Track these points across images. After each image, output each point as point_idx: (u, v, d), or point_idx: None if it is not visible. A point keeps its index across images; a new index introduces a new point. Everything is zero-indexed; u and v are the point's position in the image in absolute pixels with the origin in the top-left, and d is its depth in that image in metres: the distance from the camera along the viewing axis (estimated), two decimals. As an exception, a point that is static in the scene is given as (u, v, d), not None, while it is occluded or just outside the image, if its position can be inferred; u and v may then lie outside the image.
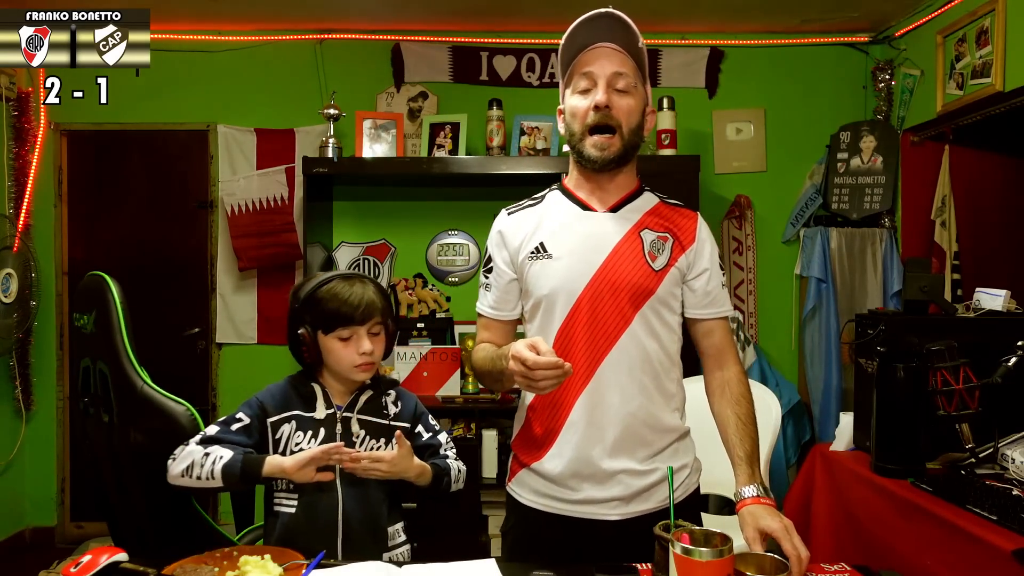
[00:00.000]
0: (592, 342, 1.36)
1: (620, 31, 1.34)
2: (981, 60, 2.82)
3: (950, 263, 3.16)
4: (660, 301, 1.38)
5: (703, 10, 3.34)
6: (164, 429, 1.65)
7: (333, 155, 3.23)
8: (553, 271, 1.38)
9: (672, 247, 1.40)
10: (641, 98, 1.39)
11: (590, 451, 1.36)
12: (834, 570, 1.30)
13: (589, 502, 1.37)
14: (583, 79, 1.37)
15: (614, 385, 1.36)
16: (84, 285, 1.83)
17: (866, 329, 2.28)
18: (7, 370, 3.46)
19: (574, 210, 1.43)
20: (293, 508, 1.48)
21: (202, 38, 3.61)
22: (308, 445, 1.48)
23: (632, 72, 1.36)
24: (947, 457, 2.09)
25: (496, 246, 1.48)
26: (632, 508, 1.37)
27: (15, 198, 3.45)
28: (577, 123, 1.37)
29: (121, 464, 1.72)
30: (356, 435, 1.53)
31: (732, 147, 3.64)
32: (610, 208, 1.42)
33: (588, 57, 1.37)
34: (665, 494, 1.37)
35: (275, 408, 1.52)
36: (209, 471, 1.41)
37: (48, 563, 3.18)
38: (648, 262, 1.37)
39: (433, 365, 3.34)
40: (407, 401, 1.63)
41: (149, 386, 1.69)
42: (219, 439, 1.47)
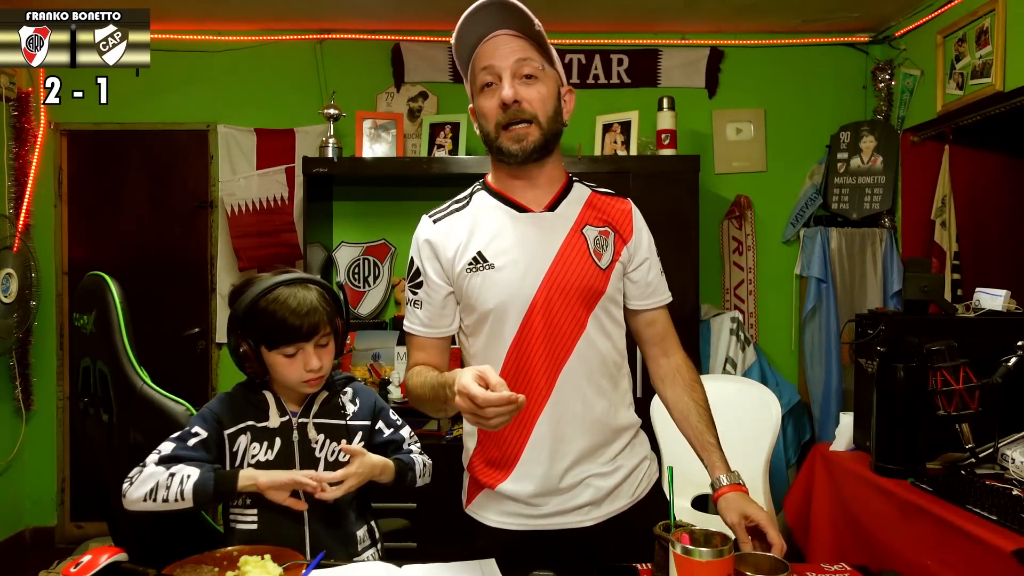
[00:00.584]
0: (549, 352, 1.29)
1: (512, 16, 1.24)
2: (981, 60, 2.82)
3: (950, 263, 3.16)
4: (610, 299, 1.34)
5: (703, 10, 3.34)
6: (164, 429, 1.63)
7: (333, 155, 3.23)
8: (498, 282, 1.28)
9: (614, 241, 1.34)
10: (553, 80, 1.29)
11: (559, 465, 1.31)
12: (834, 570, 1.30)
13: (560, 513, 1.32)
14: (485, 74, 1.26)
15: (575, 393, 1.30)
16: (84, 285, 1.82)
17: (866, 329, 2.28)
18: (7, 370, 3.46)
19: (508, 212, 1.33)
20: (254, 524, 1.41)
21: (202, 38, 3.61)
22: (264, 457, 1.43)
23: (536, 55, 1.26)
24: (947, 457, 2.08)
25: (426, 259, 1.35)
26: (604, 510, 1.34)
27: (15, 198, 3.45)
28: (489, 123, 1.28)
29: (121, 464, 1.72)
30: (315, 440, 1.47)
31: (732, 147, 3.64)
32: (547, 207, 1.33)
33: (485, 50, 1.26)
34: (633, 489, 1.37)
35: (230, 419, 1.44)
36: (177, 492, 1.33)
37: (48, 563, 3.18)
38: (595, 261, 1.31)
39: (433, 365, 3.34)
40: (365, 398, 1.56)
41: (149, 386, 1.69)
42: (178, 457, 1.38)
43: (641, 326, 1.44)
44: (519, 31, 1.25)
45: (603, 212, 1.36)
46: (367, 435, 1.54)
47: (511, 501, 1.34)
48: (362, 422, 1.54)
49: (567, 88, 1.34)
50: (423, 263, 1.36)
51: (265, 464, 1.43)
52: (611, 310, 1.35)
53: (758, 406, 2.71)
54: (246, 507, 1.43)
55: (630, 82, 3.62)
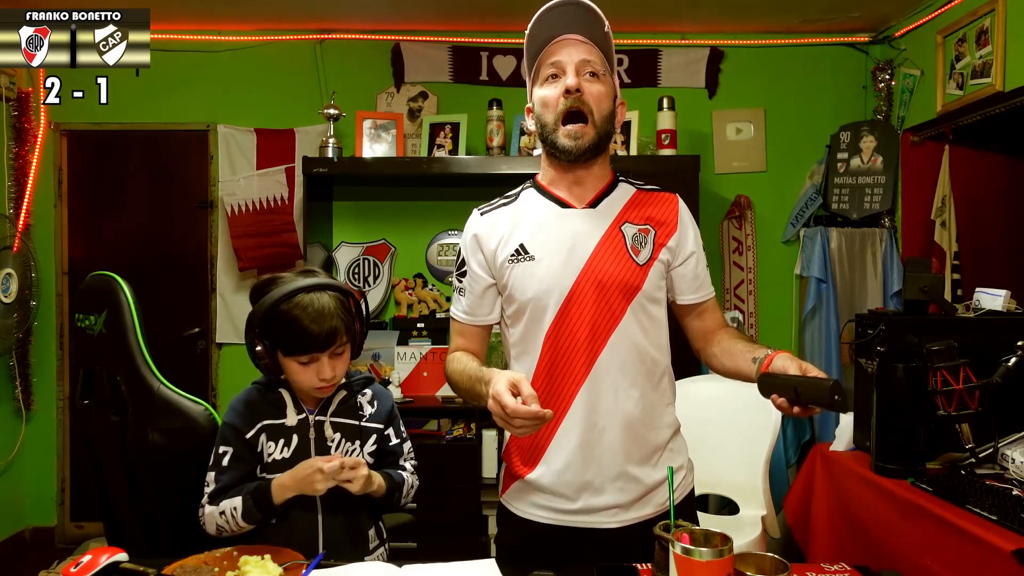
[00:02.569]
0: (583, 344, 1.31)
1: (584, 20, 1.31)
2: (981, 60, 2.82)
3: (950, 263, 3.16)
4: (647, 296, 1.35)
5: (703, 10, 3.34)
6: (183, 429, 1.65)
7: (333, 155, 3.23)
8: (537, 273, 1.33)
9: (655, 238, 1.37)
10: (610, 86, 1.36)
11: (588, 458, 1.32)
12: (834, 570, 1.30)
13: (587, 511, 1.33)
14: (551, 68, 1.33)
15: (609, 386, 1.31)
16: (91, 285, 1.80)
17: (866, 329, 2.28)
18: (7, 370, 3.46)
19: (552, 208, 1.38)
20: (272, 521, 1.45)
21: (202, 38, 3.61)
22: (280, 455, 1.45)
23: (600, 61, 1.33)
24: (947, 457, 2.08)
25: (471, 250, 1.42)
26: (631, 515, 1.34)
27: (15, 198, 3.45)
28: (549, 112, 1.32)
29: (134, 465, 1.71)
30: (331, 439, 1.48)
31: (732, 147, 3.64)
32: (588, 204, 1.37)
33: (554, 48, 1.33)
34: (663, 499, 1.35)
35: (245, 424, 1.47)
36: (236, 525, 1.41)
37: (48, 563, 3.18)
38: (632, 257, 1.33)
39: (433, 365, 3.35)
40: (383, 402, 1.58)
41: (166, 387, 1.69)
42: (223, 488, 1.44)
43: (691, 319, 1.46)
44: (590, 37, 1.32)
45: (645, 209, 1.39)
46: (379, 439, 1.56)
47: (540, 493, 1.35)
48: (377, 425, 1.55)
49: (621, 100, 1.41)
50: (468, 255, 1.43)
51: (282, 462, 1.45)
52: (649, 307, 1.36)
53: (758, 406, 2.70)
54: None
55: (630, 82, 3.62)
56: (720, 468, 2.73)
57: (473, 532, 3.06)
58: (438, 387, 3.33)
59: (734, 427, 2.74)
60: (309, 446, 1.47)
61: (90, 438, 1.84)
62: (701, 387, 2.91)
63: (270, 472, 1.45)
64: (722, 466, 2.73)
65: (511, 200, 1.44)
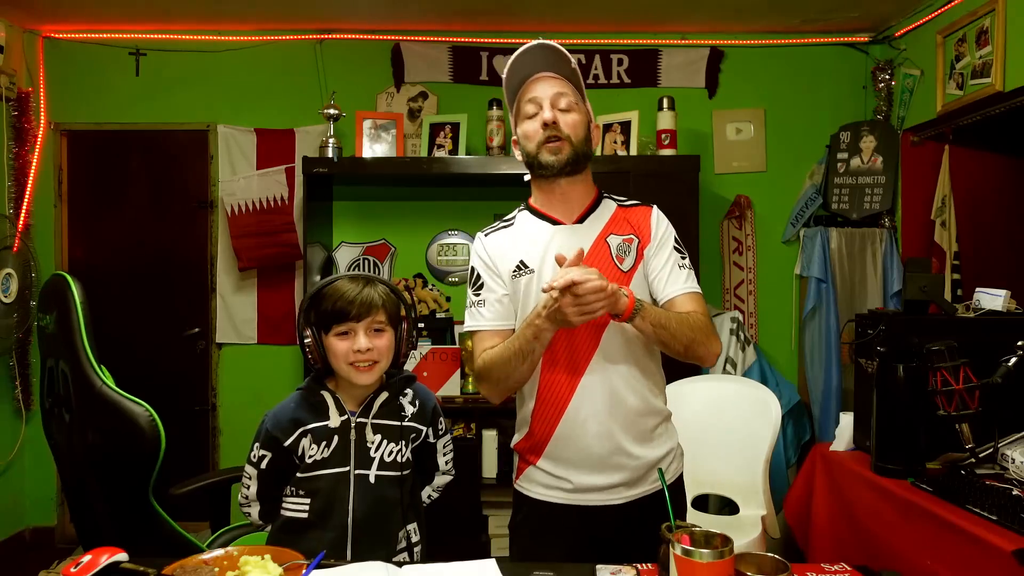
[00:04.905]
0: (578, 344, 1.46)
1: (554, 59, 1.49)
2: (981, 60, 2.82)
3: (950, 263, 3.16)
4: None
5: (703, 10, 3.34)
6: (122, 430, 1.65)
7: (333, 155, 3.23)
8: (536, 284, 1.48)
9: (637, 247, 1.52)
10: (584, 114, 1.52)
11: (589, 444, 1.46)
12: (834, 570, 1.30)
13: (593, 489, 1.47)
14: (530, 105, 1.50)
15: (603, 380, 1.46)
16: (46, 285, 1.83)
17: (866, 329, 2.28)
18: (7, 370, 3.46)
19: (544, 226, 1.54)
20: (305, 513, 1.48)
21: (202, 38, 3.61)
22: (320, 455, 1.48)
23: (572, 93, 1.50)
24: (947, 457, 2.09)
25: (482, 267, 1.56)
26: (634, 491, 1.48)
27: (15, 198, 3.45)
28: (531, 143, 1.50)
29: (79, 463, 1.73)
30: (371, 441, 1.51)
31: (732, 147, 3.64)
32: (576, 220, 1.53)
33: (530, 86, 1.51)
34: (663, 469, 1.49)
35: (284, 432, 1.49)
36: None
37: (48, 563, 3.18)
38: (617, 264, 1.49)
39: (433, 365, 3.34)
40: (426, 401, 1.61)
41: (108, 386, 1.68)
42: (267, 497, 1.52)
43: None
44: (559, 72, 1.50)
45: (627, 222, 1.54)
46: (418, 438, 1.58)
47: (550, 476, 1.50)
48: (418, 425, 1.58)
49: (595, 124, 1.57)
50: (481, 272, 1.57)
51: (321, 462, 1.48)
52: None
53: (758, 406, 2.71)
54: (301, 496, 1.49)
55: (630, 82, 3.62)
56: (720, 468, 2.73)
57: (473, 532, 3.06)
58: (438, 387, 3.33)
59: (734, 427, 2.74)
60: (349, 447, 1.49)
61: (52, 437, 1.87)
62: (701, 387, 2.91)
63: (308, 471, 1.49)
64: (722, 466, 2.73)
65: (509, 223, 1.59)
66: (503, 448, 3.12)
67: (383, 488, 1.49)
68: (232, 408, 3.65)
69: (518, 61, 1.49)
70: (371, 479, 1.49)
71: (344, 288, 1.49)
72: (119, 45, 3.63)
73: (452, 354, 3.35)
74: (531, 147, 1.50)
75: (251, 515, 1.53)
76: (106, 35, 3.62)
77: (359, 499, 1.48)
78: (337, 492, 1.47)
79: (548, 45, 1.48)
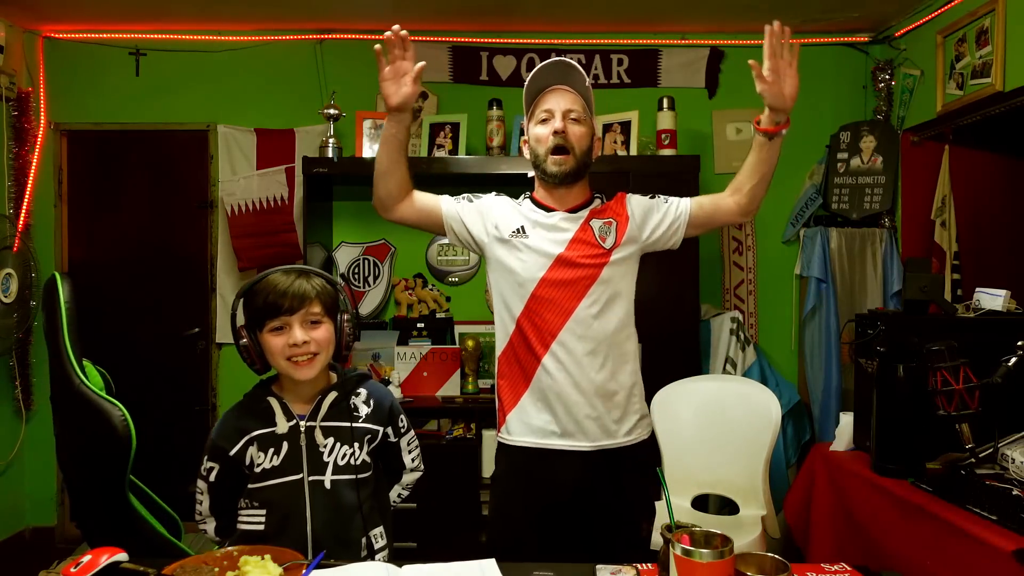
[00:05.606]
0: (556, 309, 1.64)
1: (570, 75, 1.70)
2: (981, 60, 2.82)
3: (950, 263, 3.16)
4: (613, 273, 1.68)
5: (703, 10, 3.34)
6: (97, 429, 1.66)
7: (333, 155, 3.23)
8: (527, 249, 1.68)
9: (617, 228, 1.72)
10: (590, 127, 1.73)
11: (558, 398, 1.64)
12: (834, 570, 1.30)
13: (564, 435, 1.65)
14: (543, 113, 1.71)
15: (576, 341, 1.64)
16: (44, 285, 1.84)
17: (866, 329, 2.28)
18: (7, 370, 3.46)
19: (540, 211, 1.75)
20: (261, 525, 1.42)
21: (202, 38, 3.61)
22: (270, 463, 1.42)
23: (581, 108, 1.71)
24: (947, 457, 2.08)
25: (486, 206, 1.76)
26: (601, 442, 1.65)
27: (15, 198, 3.45)
28: (541, 146, 1.70)
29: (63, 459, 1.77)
30: (323, 445, 1.44)
31: (732, 147, 3.64)
32: (568, 210, 1.73)
33: (547, 96, 1.72)
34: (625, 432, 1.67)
35: (229, 441, 1.43)
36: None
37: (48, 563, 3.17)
38: (600, 243, 1.69)
39: (433, 365, 3.35)
40: (382, 400, 1.55)
41: (85, 385, 1.69)
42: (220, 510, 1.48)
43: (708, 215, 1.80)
44: (573, 87, 1.71)
45: (607, 211, 1.76)
46: (375, 439, 1.52)
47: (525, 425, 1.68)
48: (373, 425, 1.51)
49: (598, 137, 1.79)
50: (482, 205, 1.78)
51: (271, 470, 1.43)
52: (615, 281, 1.68)
53: (758, 406, 2.71)
54: (256, 508, 1.43)
55: (630, 82, 3.62)
56: (720, 468, 2.73)
57: (473, 532, 3.06)
58: (438, 387, 3.33)
59: (734, 427, 2.74)
60: (301, 453, 1.43)
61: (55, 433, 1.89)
62: (701, 387, 2.91)
63: (259, 481, 1.43)
64: (722, 466, 2.73)
65: (517, 201, 1.81)
66: (503, 448, 3.12)
67: (340, 493, 1.43)
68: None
69: (540, 71, 1.70)
70: (327, 484, 1.43)
71: (276, 281, 1.43)
72: (119, 45, 3.63)
73: (452, 354, 3.35)
74: (540, 151, 1.70)
75: (207, 531, 1.48)
76: (106, 35, 3.62)
77: (316, 507, 1.42)
78: (293, 501, 1.41)
79: (567, 63, 1.69)
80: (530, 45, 3.60)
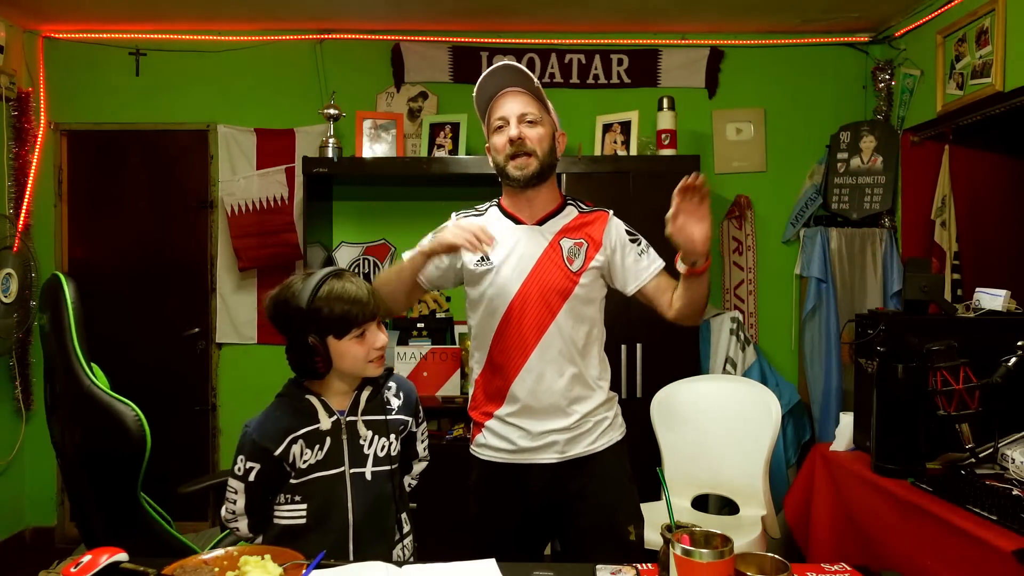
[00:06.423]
0: (527, 332, 1.64)
1: (519, 77, 1.66)
2: (981, 60, 2.82)
3: (950, 263, 3.16)
4: (580, 296, 1.66)
5: (703, 10, 3.34)
6: (109, 428, 1.67)
7: (333, 155, 3.23)
8: (495, 277, 1.67)
9: (587, 250, 1.69)
10: (548, 125, 1.69)
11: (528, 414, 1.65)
12: (834, 570, 1.30)
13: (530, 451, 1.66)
14: (498, 121, 1.67)
15: (546, 363, 1.64)
16: (44, 285, 1.85)
17: (866, 329, 2.28)
18: (7, 370, 3.46)
19: (508, 223, 1.72)
20: (303, 519, 1.46)
21: (202, 38, 3.61)
22: (315, 459, 1.46)
23: (536, 108, 1.67)
24: (947, 457, 2.09)
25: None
26: (566, 454, 1.66)
27: (15, 198, 3.45)
28: (500, 155, 1.67)
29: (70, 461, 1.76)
30: (363, 437, 1.51)
31: (732, 147, 3.64)
32: (536, 222, 1.70)
33: (499, 102, 1.68)
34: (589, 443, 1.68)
35: (274, 441, 1.45)
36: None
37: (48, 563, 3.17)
38: (567, 265, 1.66)
39: (433, 365, 3.35)
40: (409, 393, 1.62)
41: (96, 385, 1.69)
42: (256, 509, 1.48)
43: (655, 297, 1.70)
44: (523, 87, 1.67)
45: (581, 228, 1.71)
46: (405, 430, 1.59)
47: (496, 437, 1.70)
48: (404, 417, 1.58)
49: (560, 132, 1.74)
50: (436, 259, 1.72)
51: (315, 465, 1.47)
52: (582, 305, 1.67)
53: (758, 406, 2.71)
54: (296, 503, 1.47)
55: (630, 82, 3.62)
56: (720, 468, 2.73)
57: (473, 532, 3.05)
58: (438, 387, 3.33)
59: (734, 427, 2.74)
60: (343, 447, 1.48)
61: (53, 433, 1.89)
62: (701, 387, 2.91)
63: (301, 476, 1.46)
64: (722, 466, 2.73)
65: (481, 213, 1.78)
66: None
67: (379, 484, 1.49)
68: (232, 408, 3.65)
69: (485, 80, 1.66)
70: (367, 476, 1.49)
71: (346, 290, 1.46)
72: (119, 45, 3.63)
73: (452, 354, 3.35)
74: (500, 159, 1.68)
75: (239, 529, 1.49)
76: (106, 35, 3.62)
77: (357, 498, 1.47)
78: (335, 493, 1.46)
79: (512, 66, 1.65)
80: (530, 45, 3.60)
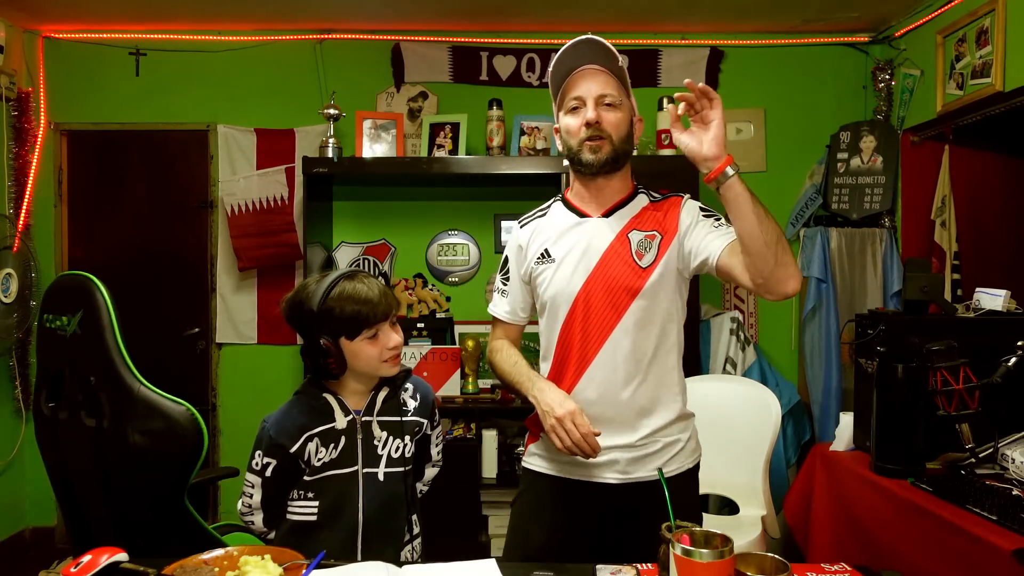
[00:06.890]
0: (589, 335, 1.50)
1: (601, 54, 1.49)
2: (981, 60, 2.82)
3: (950, 263, 3.16)
4: (649, 295, 1.49)
5: (703, 10, 3.34)
6: (165, 430, 1.64)
7: (333, 155, 3.23)
8: (555, 275, 1.54)
9: (660, 244, 1.52)
10: (627, 110, 1.54)
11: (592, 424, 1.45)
12: (834, 570, 1.30)
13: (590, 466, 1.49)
14: (573, 100, 1.52)
15: (609, 373, 1.49)
16: (63, 285, 1.78)
17: (866, 329, 2.28)
18: (7, 370, 3.46)
19: (571, 218, 1.58)
20: (314, 516, 1.47)
21: (202, 38, 3.61)
22: (329, 456, 1.48)
23: (616, 89, 1.51)
24: (947, 457, 2.09)
25: (514, 256, 1.65)
26: (628, 476, 1.50)
27: (15, 198, 3.45)
28: (573, 139, 1.52)
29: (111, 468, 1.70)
30: (378, 438, 1.51)
31: (732, 147, 3.63)
32: (603, 213, 1.56)
33: (576, 79, 1.52)
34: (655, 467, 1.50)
35: (291, 438, 1.47)
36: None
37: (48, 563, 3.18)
38: (635, 261, 1.50)
39: (433, 365, 3.34)
40: (425, 394, 1.62)
41: (147, 387, 1.67)
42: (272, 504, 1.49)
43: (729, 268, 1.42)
44: (605, 67, 1.50)
45: (653, 218, 1.55)
46: (420, 432, 1.59)
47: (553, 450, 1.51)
48: (419, 419, 1.58)
49: (638, 118, 1.59)
50: (511, 261, 1.66)
51: (329, 463, 1.48)
52: (651, 306, 1.50)
53: (758, 406, 2.71)
54: (307, 499, 1.48)
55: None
56: (720, 468, 2.73)
57: (473, 532, 3.06)
58: (438, 387, 3.33)
59: (734, 427, 2.74)
60: (356, 446, 1.49)
61: (58, 442, 1.80)
62: (701, 387, 2.90)
63: (315, 474, 1.48)
64: (722, 466, 2.72)
65: (544, 213, 1.65)
66: (503, 448, 3.12)
67: (391, 485, 1.50)
68: (232, 408, 3.65)
69: (566, 53, 1.49)
70: (380, 477, 1.49)
71: (358, 291, 1.46)
72: (119, 45, 3.63)
73: (452, 354, 3.35)
74: (572, 142, 1.52)
75: (255, 523, 1.51)
76: (106, 35, 3.62)
77: (368, 497, 1.48)
78: (347, 492, 1.47)
79: (596, 41, 1.47)
80: (530, 45, 3.60)
